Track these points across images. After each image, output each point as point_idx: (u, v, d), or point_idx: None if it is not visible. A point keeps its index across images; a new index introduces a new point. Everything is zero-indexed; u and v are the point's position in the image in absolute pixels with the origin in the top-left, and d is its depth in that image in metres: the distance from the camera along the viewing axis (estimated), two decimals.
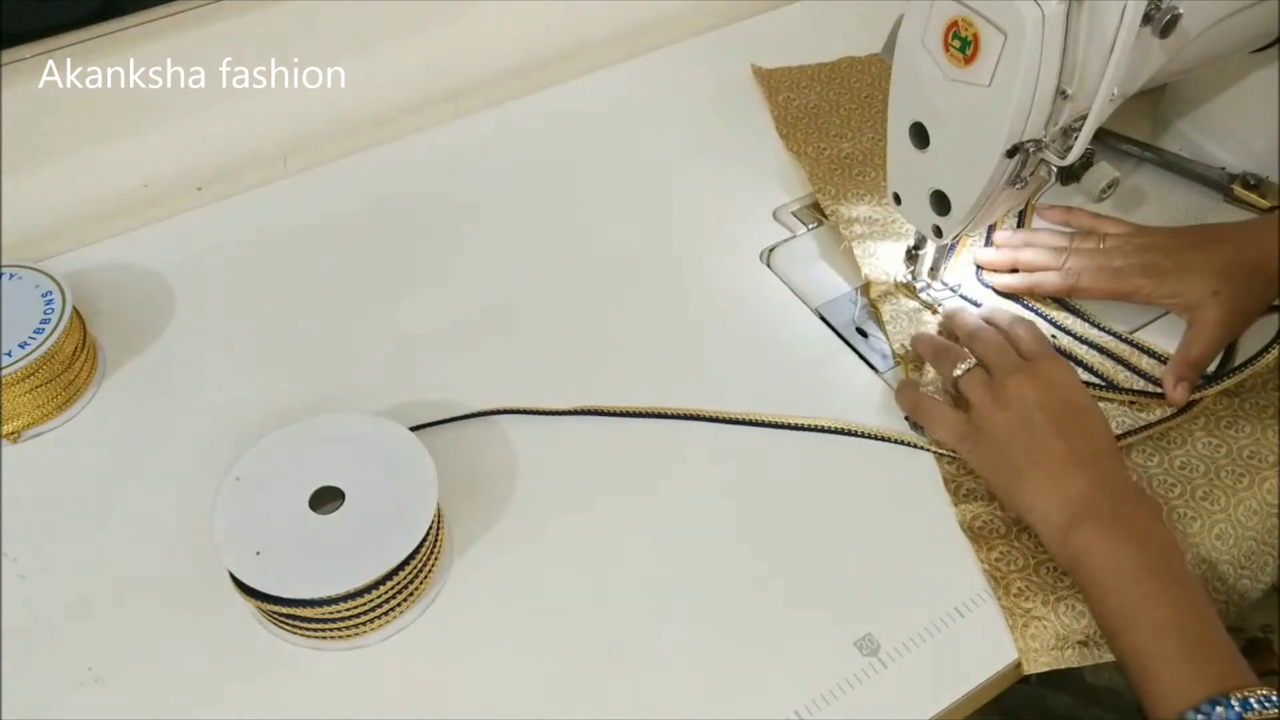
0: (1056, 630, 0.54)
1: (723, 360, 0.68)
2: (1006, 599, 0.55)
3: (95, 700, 0.53)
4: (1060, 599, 0.55)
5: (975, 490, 0.60)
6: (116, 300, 0.72)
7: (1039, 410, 0.56)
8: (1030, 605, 0.55)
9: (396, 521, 0.53)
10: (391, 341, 0.69)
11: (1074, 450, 0.55)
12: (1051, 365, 0.59)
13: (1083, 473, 0.55)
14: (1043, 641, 0.54)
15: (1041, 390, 0.57)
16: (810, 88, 0.87)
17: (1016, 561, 0.57)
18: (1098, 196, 0.59)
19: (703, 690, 0.53)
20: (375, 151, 0.83)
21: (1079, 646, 0.54)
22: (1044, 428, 0.56)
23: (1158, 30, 0.53)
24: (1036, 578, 0.56)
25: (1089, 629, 0.54)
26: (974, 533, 0.58)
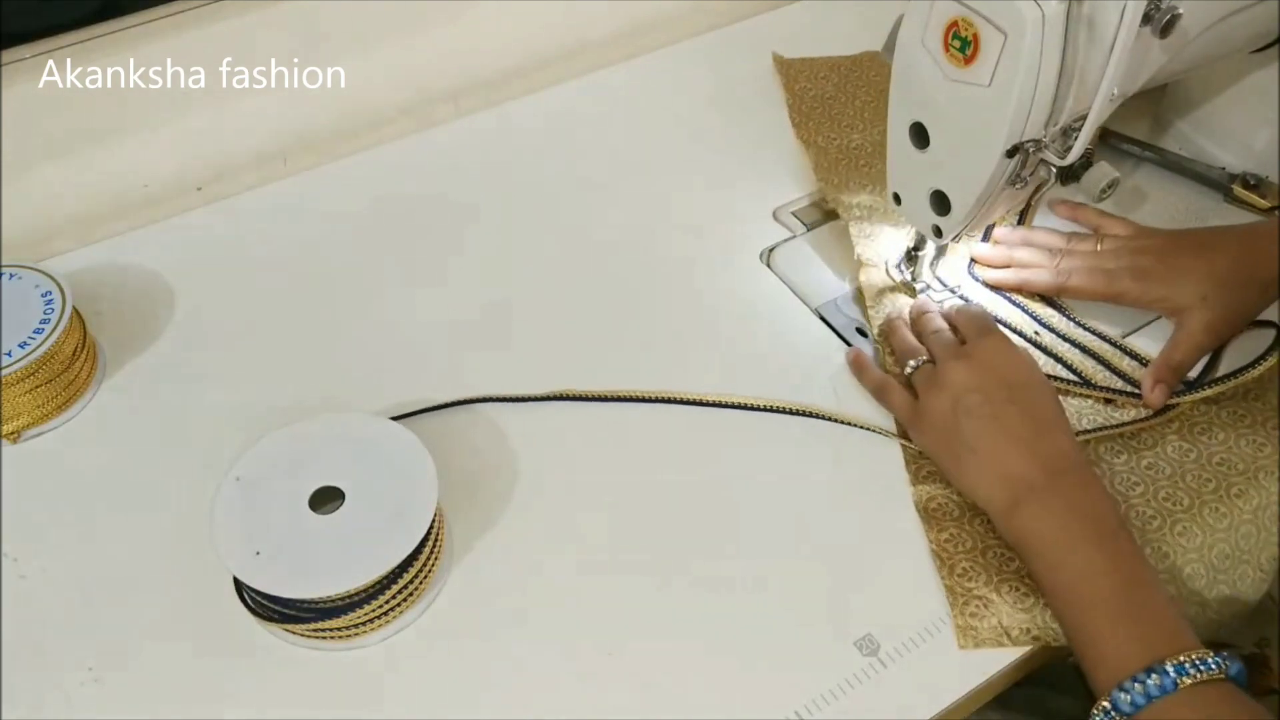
0: (1000, 615, 0.55)
1: (722, 360, 0.68)
2: (950, 578, 0.56)
3: (95, 700, 0.53)
4: (1004, 581, 0.56)
5: (934, 473, 0.61)
6: (116, 300, 0.72)
7: (974, 392, 0.58)
8: (973, 585, 0.56)
9: (396, 521, 0.53)
10: (392, 341, 0.69)
11: (1009, 429, 0.56)
12: (987, 343, 0.60)
13: (1019, 451, 0.56)
14: (985, 622, 0.55)
15: (976, 372, 0.59)
16: (828, 79, 0.87)
17: (964, 543, 0.58)
18: (1098, 196, 0.59)
19: (703, 690, 0.53)
20: (375, 151, 0.83)
21: (1026, 634, 0.55)
22: (979, 409, 0.57)
23: (1158, 30, 0.53)
24: (983, 560, 0.57)
25: (1036, 622, 0.54)
26: (927, 513, 0.59)
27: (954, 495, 0.60)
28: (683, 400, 0.65)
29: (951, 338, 0.63)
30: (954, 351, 0.61)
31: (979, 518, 0.58)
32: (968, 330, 0.63)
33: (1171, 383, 0.63)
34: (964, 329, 0.63)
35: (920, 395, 0.61)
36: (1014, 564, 0.57)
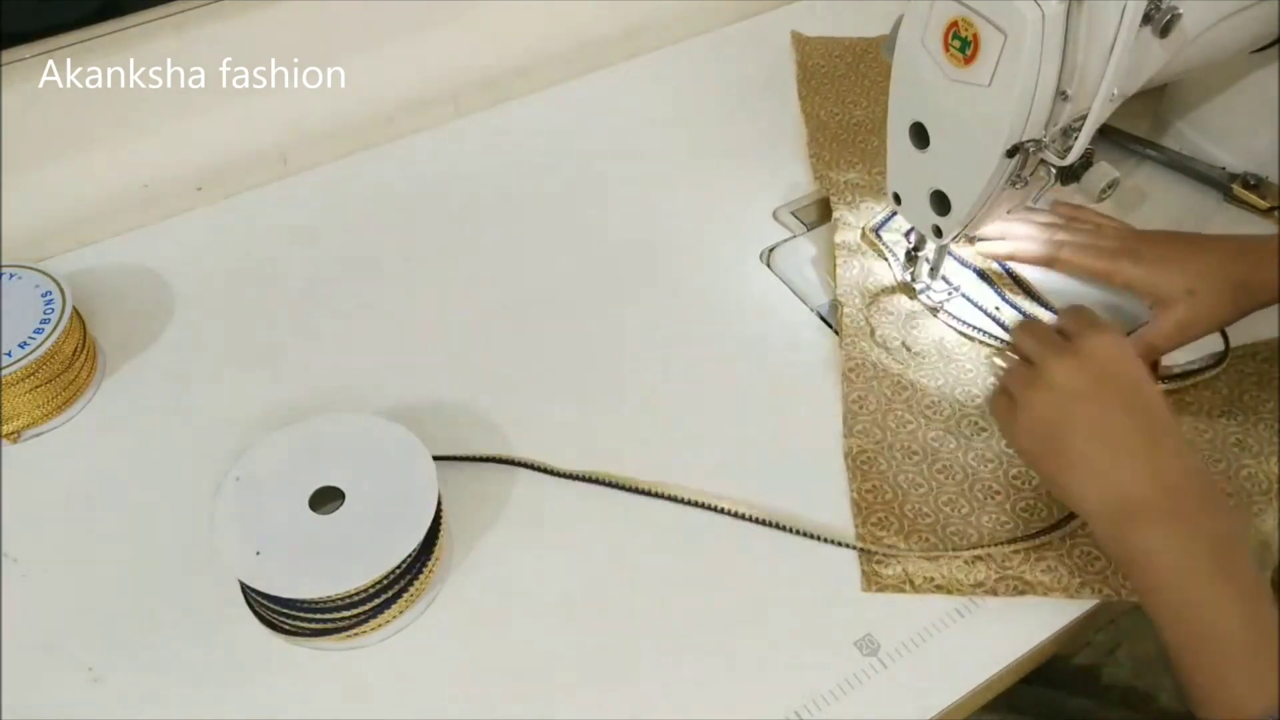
0: (905, 563, 0.57)
1: (722, 360, 0.68)
2: (864, 528, 0.58)
3: (95, 700, 0.53)
4: (915, 533, 0.58)
5: (869, 430, 0.62)
6: (116, 300, 0.72)
7: (1081, 397, 0.52)
8: (884, 534, 0.58)
9: (396, 521, 0.53)
10: (391, 341, 0.69)
11: (1123, 440, 0.51)
12: (1097, 339, 0.53)
13: (1135, 463, 0.51)
14: (890, 569, 0.56)
15: (1083, 371, 0.53)
16: (842, 57, 0.89)
17: (884, 495, 0.60)
18: (1098, 196, 0.59)
19: (703, 690, 0.53)
20: (375, 151, 0.83)
21: (930, 582, 0.56)
22: (1088, 416, 0.52)
23: (1158, 30, 0.53)
24: (899, 513, 0.59)
25: (941, 572, 0.56)
26: (855, 463, 0.61)
27: (884, 450, 0.61)
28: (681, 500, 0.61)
29: (1051, 333, 0.55)
30: (1057, 346, 0.54)
31: (904, 474, 0.60)
32: (1072, 323, 0.55)
33: (1146, 361, 0.62)
34: (1068, 323, 0.55)
35: (1018, 395, 0.54)
36: (928, 520, 0.58)
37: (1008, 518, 0.59)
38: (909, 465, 0.61)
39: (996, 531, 0.58)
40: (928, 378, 0.66)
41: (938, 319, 0.69)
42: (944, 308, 0.69)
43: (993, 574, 0.56)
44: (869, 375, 0.66)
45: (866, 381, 0.66)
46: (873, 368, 0.66)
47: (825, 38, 0.91)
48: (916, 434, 0.63)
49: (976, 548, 0.57)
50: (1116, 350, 0.53)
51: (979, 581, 0.56)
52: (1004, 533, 0.58)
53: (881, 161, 0.76)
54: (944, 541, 0.58)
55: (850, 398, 0.65)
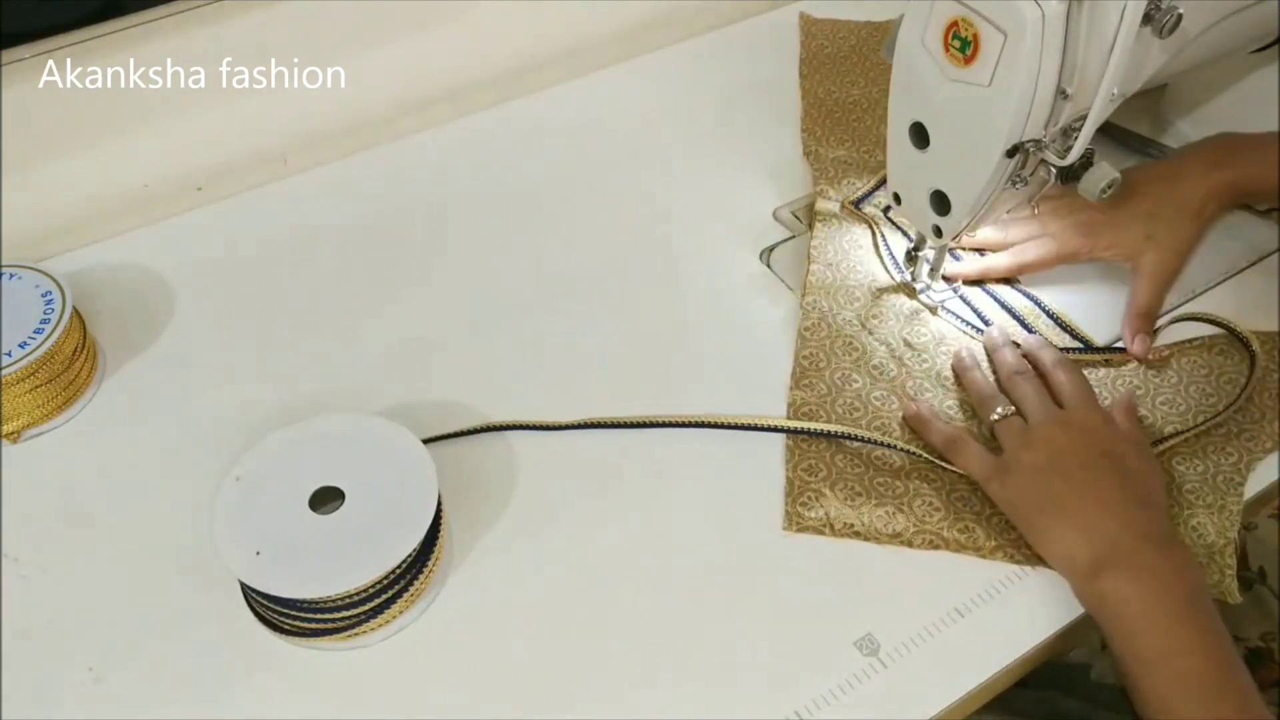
0: (828, 508, 0.59)
1: (722, 360, 0.68)
2: (794, 473, 0.60)
3: (95, 700, 0.53)
4: (840, 481, 0.60)
5: (815, 382, 0.65)
6: (116, 300, 0.72)
7: (1069, 454, 0.56)
8: (811, 479, 0.60)
9: (396, 521, 0.53)
10: (391, 341, 0.69)
11: (1102, 491, 0.55)
12: (1089, 415, 0.59)
13: (1111, 516, 0.54)
14: (812, 511, 0.59)
15: (1075, 435, 0.57)
16: (846, 39, 0.90)
17: (820, 445, 0.62)
18: (1098, 196, 0.59)
19: (703, 690, 0.53)
20: (375, 151, 0.83)
21: (849, 528, 0.58)
22: (1073, 470, 0.56)
23: (1158, 30, 0.53)
24: (829, 462, 0.61)
25: (861, 519, 0.58)
26: (795, 414, 0.63)
27: (827, 404, 0.63)
28: (679, 424, 0.63)
29: (1045, 394, 0.60)
30: (1052, 414, 0.59)
31: (846, 435, 0.61)
32: (1071, 396, 0.60)
33: (1147, 329, 0.65)
34: (1066, 394, 0.60)
35: (1009, 449, 0.58)
36: (858, 470, 0.60)
37: (933, 480, 0.61)
38: (848, 419, 0.63)
39: (920, 489, 0.60)
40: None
41: (938, 318, 0.69)
42: (944, 307, 0.69)
43: (910, 526, 0.58)
44: (824, 335, 0.68)
45: (820, 341, 0.67)
46: (828, 328, 0.68)
47: (833, 20, 0.92)
48: (861, 392, 0.65)
49: (900, 499, 0.59)
50: (1104, 424, 0.58)
51: (897, 533, 0.58)
52: (929, 491, 0.60)
53: (871, 140, 0.79)
54: (868, 491, 0.59)
55: (802, 354, 0.67)
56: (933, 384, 0.65)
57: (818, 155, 0.79)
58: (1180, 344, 0.66)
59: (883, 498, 0.59)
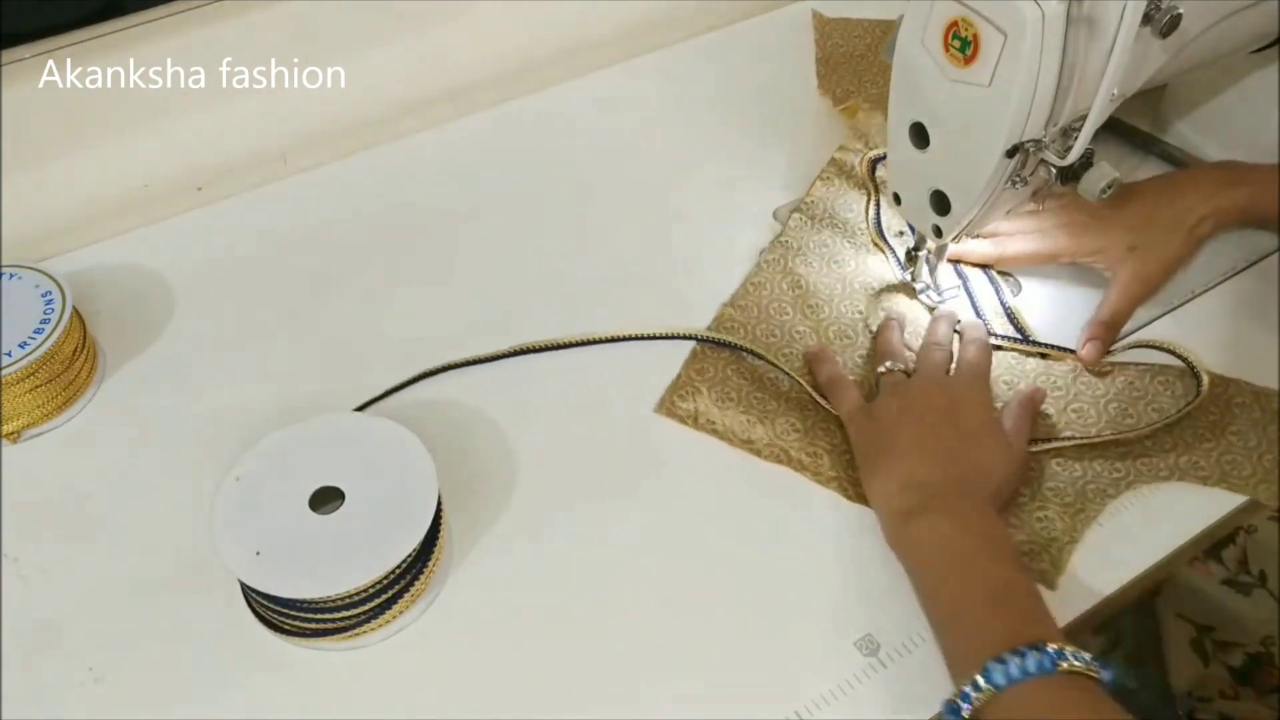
0: (699, 404, 0.64)
1: None
2: (686, 372, 0.66)
3: (95, 700, 0.53)
4: (720, 386, 0.65)
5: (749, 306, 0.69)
6: (116, 300, 0.72)
7: (928, 409, 0.59)
8: (697, 379, 0.65)
9: (396, 521, 0.53)
10: (391, 341, 0.69)
11: (936, 442, 0.57)
12: (966, 388, 0.61)
13: (936, 461, 0.56)
14: (686, 403, 0.64)
15: (940, 395, 0.60)
16: (861, 39, 0.90)
17: (721, 356, 0.66)
18: (1097, 196, 0.59)
19: (703, 690, 0.53)
20: (375, 151, 0.83)
21: (710, 424, 0.63)
22: (923, 421, 0.58)
23: (1158, 30, 0.53)
24: (720, 369, 0.66)
25: (724, 421, 0.63)
26: (717, 324, 0.68)
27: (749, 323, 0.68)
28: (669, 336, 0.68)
29: (944, 361, 0.63)
30: (933, 376, 0.62)
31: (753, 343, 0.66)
32: (959, 366, 0.63)
33: (1106, 339, 0.65)
34: (958, 363, 0.63)
35: (879, 397, 0.61)
36: (743, 383, 0.64)
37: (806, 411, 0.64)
38: (760, 340, 0.67)
39: (789, 413, 0.63)
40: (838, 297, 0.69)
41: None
42: (943, 307, 0.69)
43: (765, 438, 0.62)
44: (779, 270, 0.71)
45: (773, 276, 0.71)
46: (785, 270, 0.71)
47: (845, 19, 0.92)
48: (786, 322, 0.68)
49: (766, 414, 0.63)
50: (979, 396, 0.60)
51: (750, 440, 0.62)
52: (796, 417, 0.63)
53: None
54: (740, 400, 0.64)
55: (752, 279, 0.71)
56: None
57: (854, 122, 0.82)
58: (1131, 365, 0.65)
59: (750, 408, 0.64)
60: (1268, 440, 0.61)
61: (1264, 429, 0.61)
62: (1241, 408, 0.62)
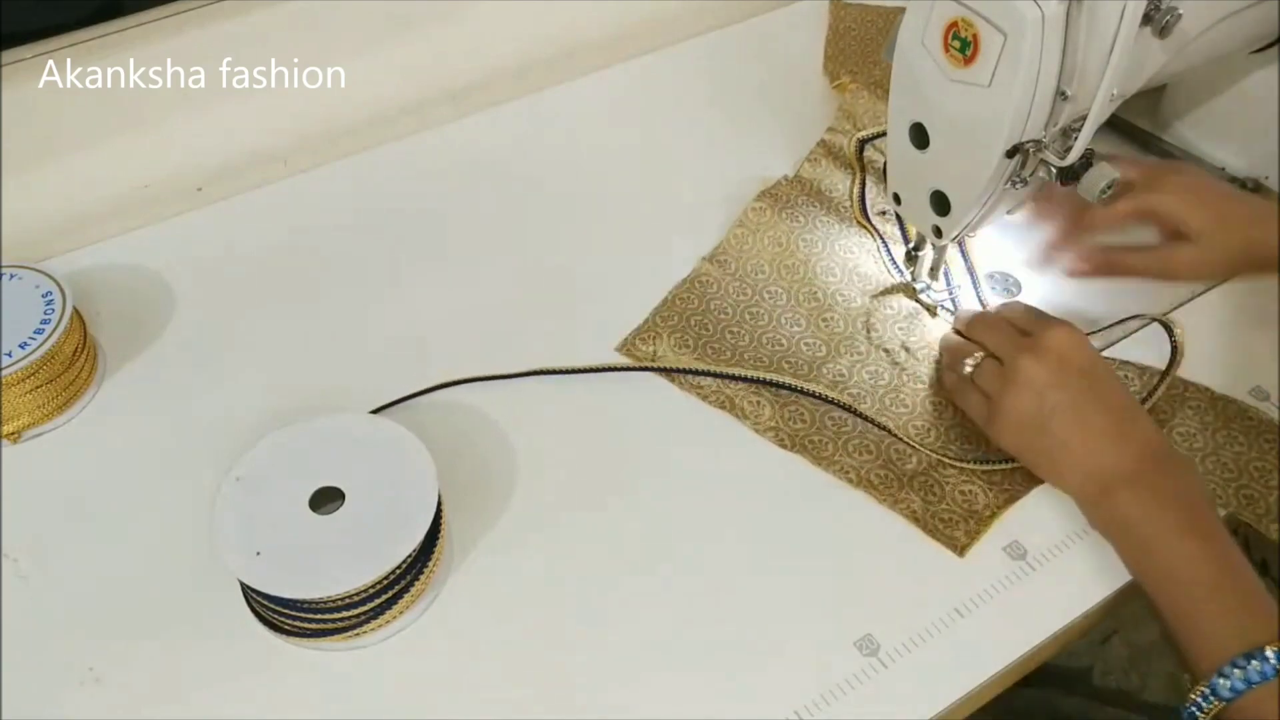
0: (658, 348, 0.67)
1: None
2: (653, 318, 0.69)
3: (95, 700, 0.53)
4: (681, 334, 0.68)
5: (726, 262, 0.72)
6: (116, 300, 0.72)
7: (1055, 389, 0.57)
8: (660, 324, 0.69)
9: (396, 521, 0.53)
10: (391, 341, 0.69)
11: (1094, 421, 0.56)
12: (1055, 333, 0.58)
13: (1108, 443, 0.56)
14: (645, 346, 0.67)
15: (1051, 366, 0.57)
16: (874, 24, 0.91)
17: (692, 303, 0.70)
18: (1097, 197, 0.59)
19: (703, 690, 0.53)
20: (375, 151, 0.83)
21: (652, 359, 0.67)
22: (1065, 406, 0.56)
23: (1158, 30, 0.53)
24: (684, 319, 0.69)
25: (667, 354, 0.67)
26: (691, 279, 0.71)
27: (724, 278, 0.71)
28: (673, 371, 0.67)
29: (1005, 324, 0.61)
30: (1021, 344, 0.58)
31: (724, 299, 0.69)
32: (1027, 322, 0.61)
33: (1092, 263, 0.67)
34: (1021, 321, 0.61)
35: (995, 395, 0.59)
36: (708, 333, 0.67)
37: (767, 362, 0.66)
38: (731, 297, 0.70)
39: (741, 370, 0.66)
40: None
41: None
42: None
43: (711, 384, 0.65)
44: (765, 223, 0.74)
45: (756, 232, 0.74)
46: (769, 228, 0.74)
47: (861, 4, 0.93)
48: (758, 282, 0.71)
49: (715, 362, 0.66)
50: (1074, 340, 0.58)
51: (699, 386, 0.65)
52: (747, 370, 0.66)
53: None
54: (697, 349, 0.67)
55: (734, 233, 0.74)
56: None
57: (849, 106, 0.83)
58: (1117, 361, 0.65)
59: (704, 357, 0.67)
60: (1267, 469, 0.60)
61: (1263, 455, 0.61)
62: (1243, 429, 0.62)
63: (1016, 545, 0.58)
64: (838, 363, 0.67)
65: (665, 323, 0.68)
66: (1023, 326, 0.60)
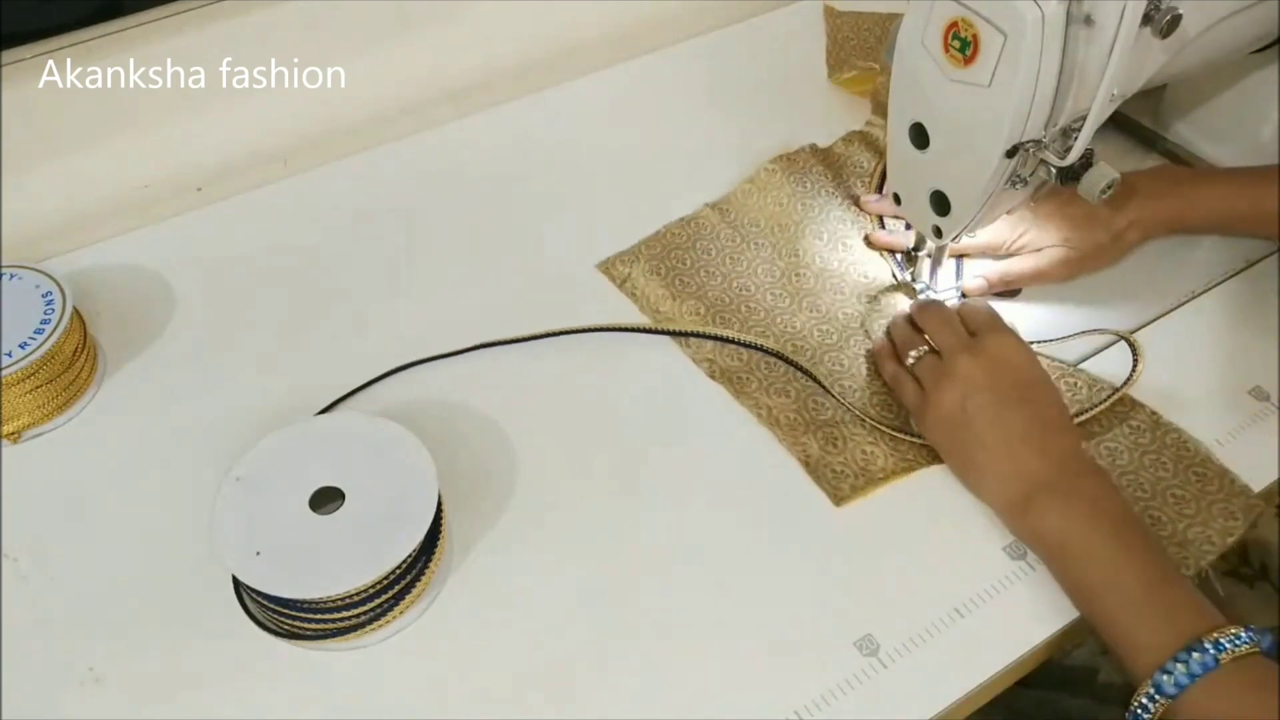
0: (635, 274, 0.71)
1: None
2: (640, 247, 0.74)
3: (95, 700, 0.53)
4: (662, 272, 0.72)
5: (727, 211, 0.75)
6: (116, 300, 0.72)
7: (986, 390, 0.57)
8: (643, 254, 0.73)
9: (396, 521, 0.53)
10: (391, 341, 0.69)
11: (1019, 429, 0.57)
12: (998, 340, 0.60)
13: (1032, 450, 0.56)
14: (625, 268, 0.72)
15: (987, 369, 0.58)
16: (871, 31, 0.91)
17: (679, 238, 0.74)
18: (1097, 197, 0.59)
19: (703, 690, 0.53)
20: (375, 151, 0.83)
21: (632, 292, 0.71)
22: (990, 408, 0.57)
23: (1158, 30, 0.53)
24: (669, 254, 0.73)
25: (651, 296, 0.70)
26: (685, 221, 0.75)
27: (720, 226, 0.73)
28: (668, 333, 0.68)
29: (960, 329, 0.62)
30: (963, 344, 0.60)
31: (711, 252, 0.72)
32: (976, 324, 0.62)
33: (990, 285, 0.68)
34: (971, 322, 0.62)
35: (928, 388, 0.60)
36: (674, 273, 0.71)
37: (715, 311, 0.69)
38: (719, 242, 0.73)
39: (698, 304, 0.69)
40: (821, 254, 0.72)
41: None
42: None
43: (670, 312, 0.69)
44: (774, 184, 0.77)
45: (764, 190, 0.77)
46: (776, 188, 0.77)
47: (856, 12, 0.93)
48: (750, 234, 0.74)
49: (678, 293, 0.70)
50: (1014, 348, 0.59)
51: (658, 310, 0.69)
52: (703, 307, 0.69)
53: None
54: (665, 278, 0.71)
55: (742, 187, 0.77)
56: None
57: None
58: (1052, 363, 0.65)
59: (670, 287, 0.70)
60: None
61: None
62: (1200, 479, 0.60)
63: (1016, 545, 0.58)
64: (795, 318, 0.69)
65: (648, 250, 0.72)
66: (972, 328, 0.61)
